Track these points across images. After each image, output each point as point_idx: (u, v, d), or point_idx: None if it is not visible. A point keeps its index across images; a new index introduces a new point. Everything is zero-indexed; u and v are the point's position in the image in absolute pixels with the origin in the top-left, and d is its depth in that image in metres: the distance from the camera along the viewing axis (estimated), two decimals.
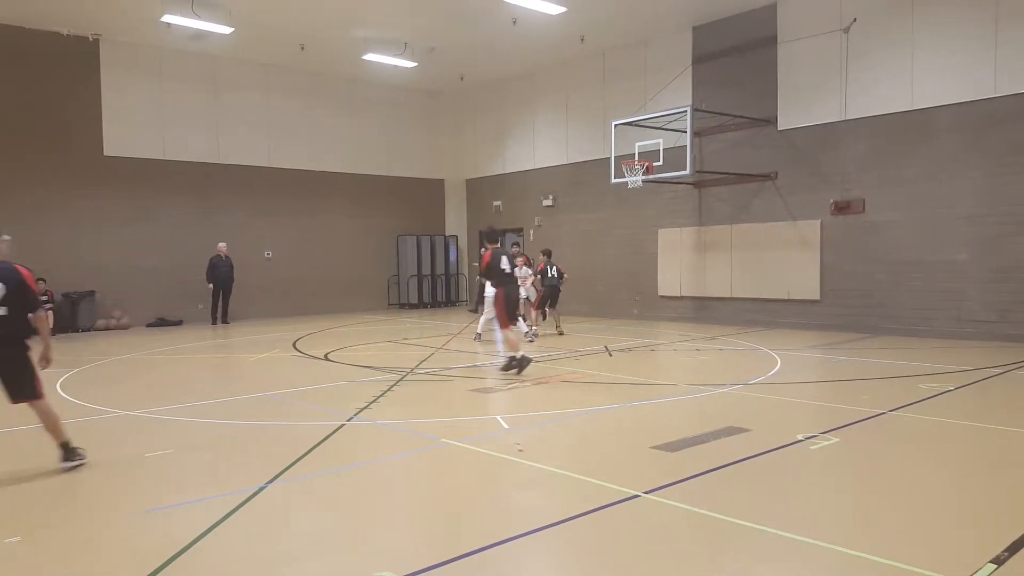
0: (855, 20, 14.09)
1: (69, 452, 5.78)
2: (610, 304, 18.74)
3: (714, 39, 16.40)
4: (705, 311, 16.91)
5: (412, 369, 10.24)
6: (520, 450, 5.93)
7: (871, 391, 8.35)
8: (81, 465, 5.71)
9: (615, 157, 15.85)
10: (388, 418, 7.29)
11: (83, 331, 16.51)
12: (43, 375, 5.97)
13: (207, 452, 6.23)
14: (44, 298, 15.99)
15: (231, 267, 17.95)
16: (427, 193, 23.28)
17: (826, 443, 6.10)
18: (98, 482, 5.48)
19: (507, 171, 21.95)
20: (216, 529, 4.33)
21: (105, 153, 17.22)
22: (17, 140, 16.09)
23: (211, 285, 17.74)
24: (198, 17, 15.09)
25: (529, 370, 9.68)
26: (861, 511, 4.61)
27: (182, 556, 3.94)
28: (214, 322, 17.80)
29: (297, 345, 13.47)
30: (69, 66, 16.65)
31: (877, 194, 14.01)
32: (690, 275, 17.15)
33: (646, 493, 4.80)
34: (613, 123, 15.95)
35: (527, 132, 21.18)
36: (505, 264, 10.16)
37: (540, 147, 20.82)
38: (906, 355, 11.08)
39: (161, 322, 17.70)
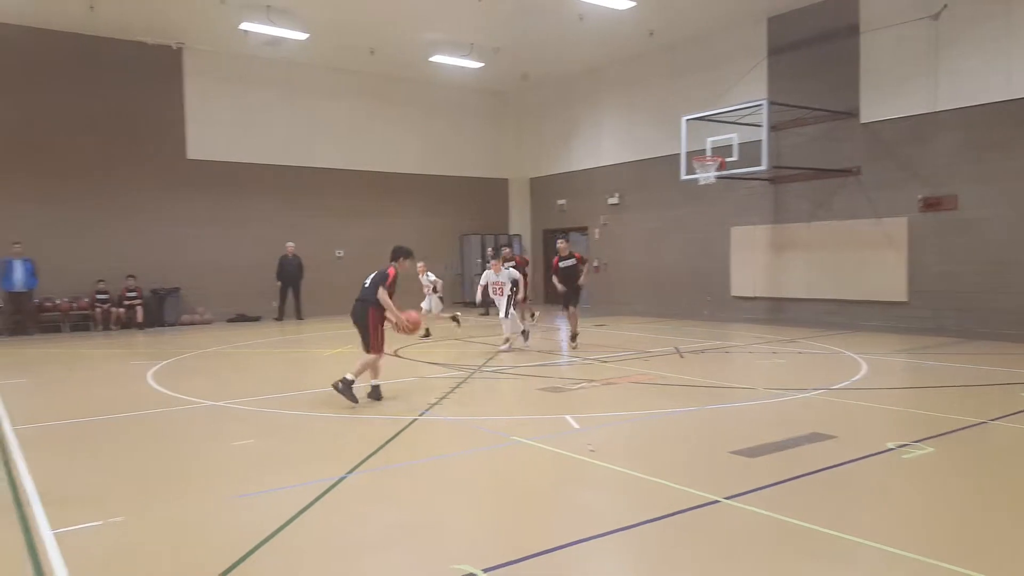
0: (945, 6, 13.35)
1: None
2: (678, 304, 18.36)
3: (790, 30, 15.84)
4: (781, 312, 16.35)
5: (480, 367, 10.24)
6: (592, 451, 5.82)
7: (967, 399, 7.87)
8: None
9: (686, 153, 15.49)
10: (458, 414, 7.31)
11: (169, 326, 17.23)
12: (136, 366, 6.22)
13: (288, 442, 6.41)
14: (133, 294, 16.89)
15: (299, 266, 18.40)
16: (491, 192, 23.34)
17: (920, 452, 5.75)
18: (190, 468, 5.75)
19: (572, 169, 21.79)
20: (300, 517, 4.47)
21: (188, 157, 17.94)
22: (107, 145, 16.91)
23: (280, 283, 18.24)
24: (274, 24, 15.51)
25: (596, 370, 9.54)
26: (958, 525, 4.32)
27: (270, 541, 4.09)
28: (280, 318, 18.27)
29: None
30: (154, 74, 17.42)
31: (971, 190, 13.23)
32: (765, 275, 16.62)
33: (727, 499, 4.63)
34: (684, 118, 15.59)
35: (592, 129, 20.97)
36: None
37: (606, 144, 20.58)
38: (1003, 361, 10.41)
39: (240, 318, 18.30)
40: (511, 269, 12.82)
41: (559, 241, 12.74)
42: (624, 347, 12.41)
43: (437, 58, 18.30)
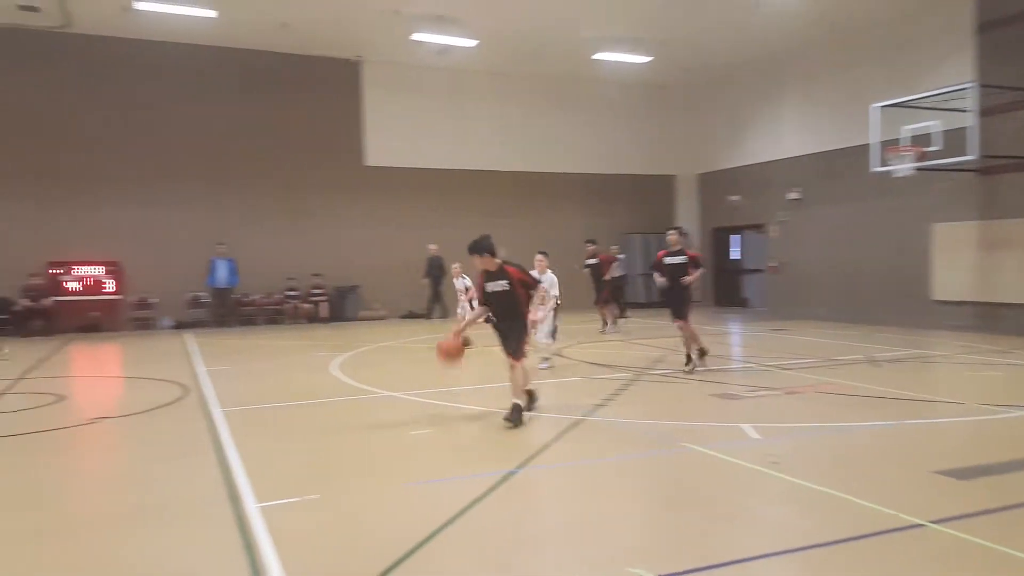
0: None
1: None
2: (869, 308, 16.80)
3: (1004, 2, 13.97)
4: (993, 319, 14.46)
5: (646, 369, 9.96)
6: (774, 463, 5.42)
7: None
8: None
9: (877, 143, 14.17)
10: (625, 416, 7.15)
11: (349, 320, 18.45)
12: (321, 357, 6.70)
13: (460, 435, 6.61)
14: (318, 291, 18.29)
15: (440, 266, 18.96)
16: (656, 190, 22.76)
17: None
18: (373, 453, 6.10)
19: (745, 163, 20.69)
20: (474, 508, 4.58)
21: (366, 163, 19.12)
22: (295, 155, 18.42)
23: (426, 280, 18.92)
24: (445, 33, 16.11)
25: (775, 377, 8.93)
26: None
27: (446, 529, 4.23)
28: (429, 316, 18.91)
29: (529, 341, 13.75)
30: (336, 87, 18.76)
31: None
32: (974, 277, 14.77)
33: (932, 523, 4.10)
34: (874, 105, 14.26)
35: (769, 120, 19.80)
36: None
37: (784, 136, 19.34)
38: None
39: (411, 315, 19.22)
40: (550, 273, 10.63)
41: (670, 233, 10.43)
42: (807, 354, 11.56)
43: (601, 55, 18.15)
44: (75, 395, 9.19)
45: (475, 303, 10.99)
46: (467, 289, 12.39)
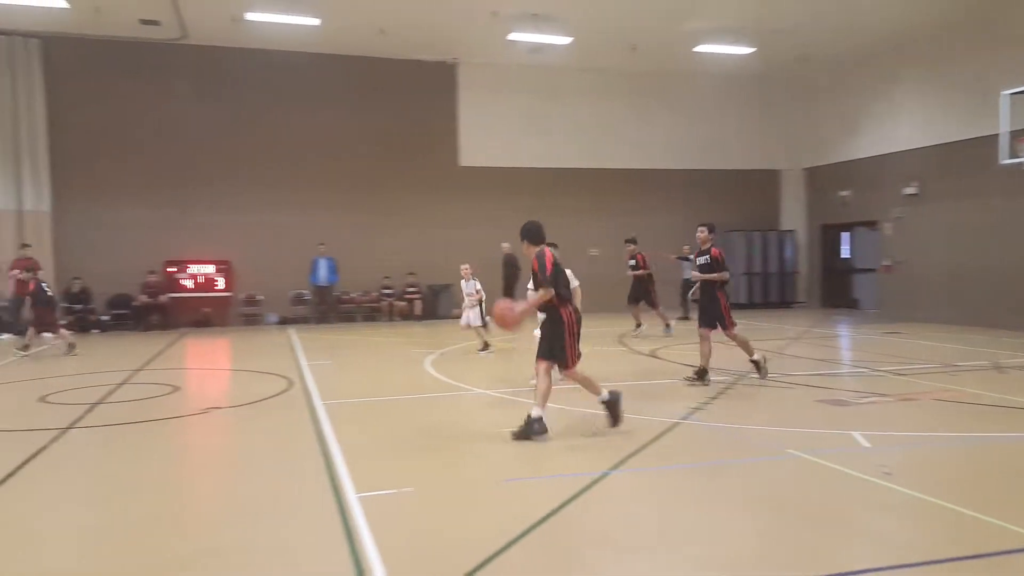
0: None
1: None
2: (992, 311, 15.51)
3: None
4: None
5: (746, 372, 9.58)
6: (887, 473, 5.08)
7: None
8: None
9: (1006, 133, 13.09)
10: (724, 421, 6.90)
11: (441, 318, 18.75)
12: (416, 353, 6.78)
13: (553, 434, 6.51)
14: (413, 289, 18.67)
15: (515, 264, 18.85)
16: (759, 185, 21.91)
17: None
18: (467, 449, 6.16)
19: (857, 156, 19.59)
20: (566, 507, 4.54)
21: (460, 164, 19.38)
22: (391, 156, 18.83)
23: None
24: (540, 31, 16.09)
25: (889, 383, 8.37)
26: None
27: (539, 527, 4.21)
28: None
29: (623, 340, 13.57)
30: (432, 89, 19.07)
31: None
32: None
33: None
34: (1005, 92, 13.17)
35: (884, 111, 18.65)
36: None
37: (900, 126, 18.17)
38: None
39: None
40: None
41: (700, 230, 9.48)
42: (923, 358, 10.82)
43: (703, 47, 17.64)
44: (189, 386, 9.74)
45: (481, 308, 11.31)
46: (477, 291, 11.59)
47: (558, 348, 6.32)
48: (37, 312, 12.58)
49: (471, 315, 11.60)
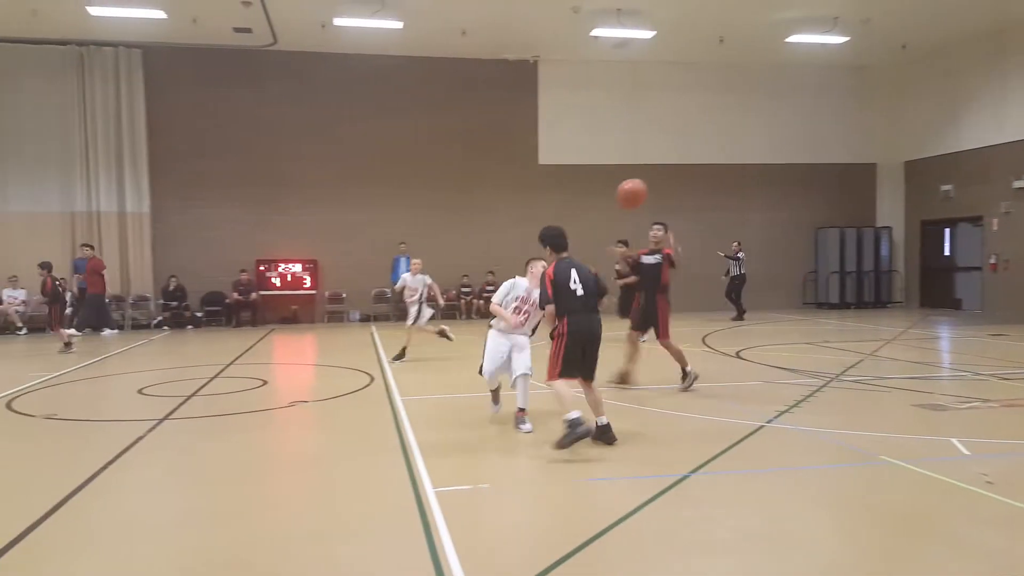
0: None
1: None
2: None
3: None
4: None
5: (837, 375, 9.16)
6: (989, 483, 4.75)
7: None
8: None
9: None
10: (813, 425, 6.61)
11: None
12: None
13: (632, 435, 6.45)
14: (492, 288, 18.76)
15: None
16: (854, 180, 20.93)
17: None
18: (541, 447, 6.06)
19: (960, 149, 18.45)
20: (646, 508, 4.47)
21: (539, 162, 19.37)
22: (471, 156, 19.02)
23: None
24: (624, 26, 15.88)
25: (992, 388, 7.83)
26: None
27: (614, 529, 4.15)
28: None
29: (707, 340, 13.23)
30: (513, 88, 19.13)
31: None
32: None
33: None
34: None
35: (991, 100, 17.49)
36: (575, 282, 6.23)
37: (1009, 117, 16.99)
38: None
39: None
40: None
41: (655, 228, 9.16)
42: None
43: (795, 38, 17.01)
44: (276, 380, 10.09)
45: (435, 303, 11.21)
46: (428, 286, 10.92)
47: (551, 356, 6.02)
48: (51, 309, 13.17)
49: (413, 312, 10.95)
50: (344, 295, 18.65)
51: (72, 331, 12.90)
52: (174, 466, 5.81)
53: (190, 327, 17.27)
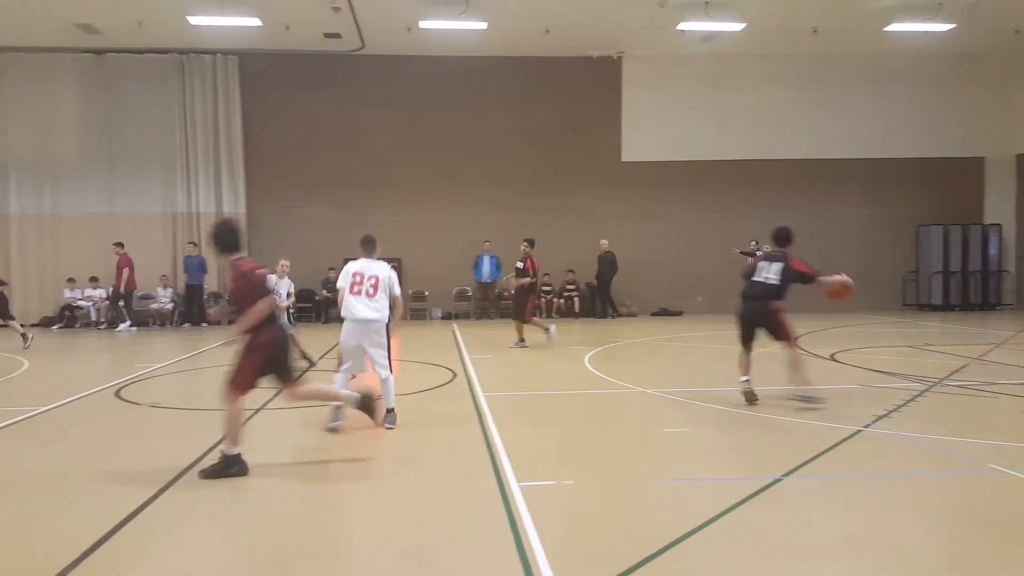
0: None
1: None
2: None
3: None
4: None
5: (941, 379, 8.65)
6: None
7: None
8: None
9: None
10: (915, 431, 6.28)
11: (600, 317, 18.59)
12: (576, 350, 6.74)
13: (718, 436, 6.31)
14: (572, 287, 18.69)
15: (612, 261, 18.09)
16: (959, 174, 19.71)
17: None
18: (626, 446, 6.09)
19: None
20: (735, 511, 4.36)
21: (622, 159, 19.13)
22: (553, 154, 18.95)
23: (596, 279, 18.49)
24: (712, 19, 15.50)
25: None
26: None
27: (704, 529, 4.08)
28: (603, 315, 18.42)
29: (799, 342, 12.69)
30: (596, 85, 18.94)
31: None
32: None
33: None
34: None
35: None
36: None
37: None
38: None
39: (663, 312, 18.82)
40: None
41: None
42: None
43: (895, 26, 16.16)
44: (365, 375, 10.31)
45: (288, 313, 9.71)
46: (289, 294, 10.06)
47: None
48: None
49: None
50: (426, 293, 18.95)
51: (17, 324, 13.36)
52: (272, 452, 6.04)
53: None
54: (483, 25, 15.63)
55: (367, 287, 6.64)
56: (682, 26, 15.89)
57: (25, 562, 3.82)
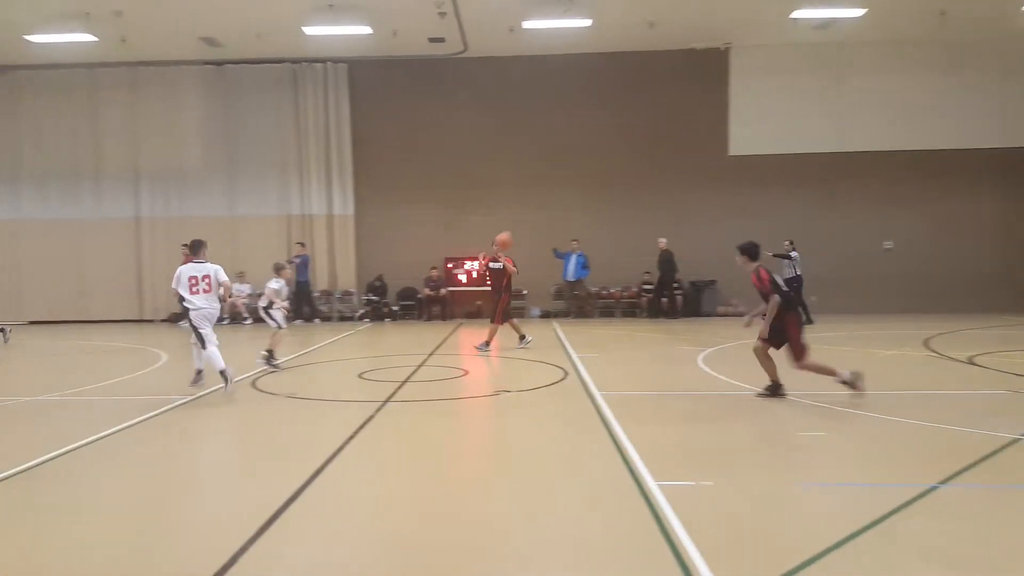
0: None
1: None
2: None
3: None
4: None
5: None
6: None
7: None
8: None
9: None
10: None
11: (705, 316, 18.18)
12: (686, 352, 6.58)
13: (861, 440, 6.07)
14: (675, 285, 18.30)
15: (670, 260, 17.58)
16: None
17: None
18: (758, 449, 5.88)
19: None
20: (892, 517, 4.17)
21: (729, 153, 18.62)
22: (653, 150, 18.69)
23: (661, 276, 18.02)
24: (830, 6, 14.88)
25: None
26: None
27: (860, 536, 3.91)
28: (656, 315, 18.03)
29: (930, 344, 12.01)
30: (701, 78, 18.54)
31: None
32: None
33: None
34: None
35: None
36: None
37: None
38: None
39: None
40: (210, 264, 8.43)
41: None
42: None
43: None
44: (475, 371, 10.47)
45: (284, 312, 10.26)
46: (276, 292, 10.18)
47: None
48: None
49: (279, 318, 10.26)
50: (525, 292, 19.03)
51: None
52: (408, 444, 6.22)
53: (387, 320, 18.45)
54: (587, 22, 15.59)
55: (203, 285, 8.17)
56: (796, 14, 15.37)
57: (214, 531, 4.07)
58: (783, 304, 7.51)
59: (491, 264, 12.13)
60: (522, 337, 12.26)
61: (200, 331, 8.05)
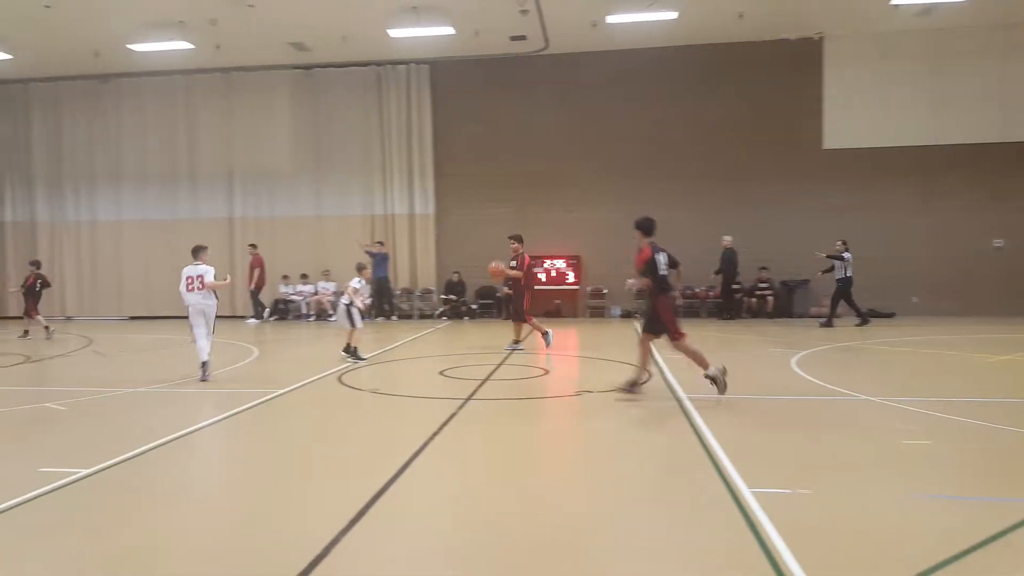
0: None
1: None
2: None
3: None
4: None
5: None
6: None
7: None
8: None
9: None
10: None
11: (798, 317, 17.45)
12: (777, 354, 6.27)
13: (969, 449, 5.66)
14: (764, 285, 17.64)
15: (732, 259, 16.96)
16: None
17: None
18: (860, 457, 5.51)
19: None
20: (1010, 534, 3.88)
21: (824, 146, 17.84)
22: (744, 144, 18.05)
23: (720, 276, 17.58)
24: None
25: None
26: None
27: (980, 550, 3.70)
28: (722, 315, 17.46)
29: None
30: (793, 69, 17.82)
31: None
32: None
33: None
34: None
35: None
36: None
37: None
38: None
39: (872, 313, 17.22)
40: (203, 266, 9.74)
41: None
42: None
43: None
44: (555, 370, 10.36)
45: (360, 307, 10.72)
46: (356, 291, 10.73)
47: None
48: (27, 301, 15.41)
49: (356, 316, 10.70)
50: (605, 291, 18.78)
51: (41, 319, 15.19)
52: (491, 441, 6.19)
53: (466, 318, 18.56)
54: (674, 15, 15.21)
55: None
56: (896, 0, 14.51)
57: (309, 521, 4.13)
58: (655, 288, 7.62)
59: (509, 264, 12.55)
60: (516, 341, 12.08)
61: (194, 329, 9.17)
